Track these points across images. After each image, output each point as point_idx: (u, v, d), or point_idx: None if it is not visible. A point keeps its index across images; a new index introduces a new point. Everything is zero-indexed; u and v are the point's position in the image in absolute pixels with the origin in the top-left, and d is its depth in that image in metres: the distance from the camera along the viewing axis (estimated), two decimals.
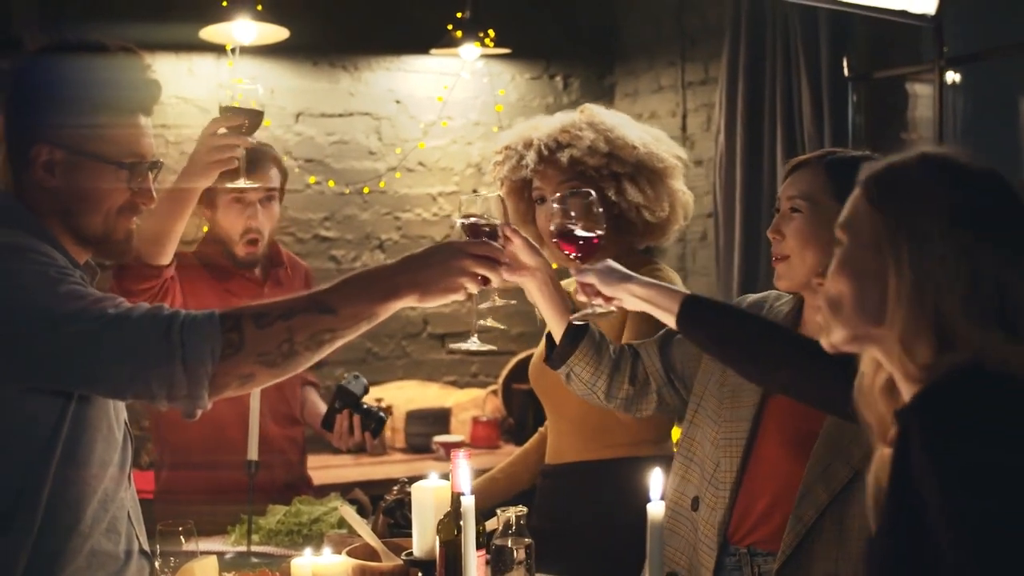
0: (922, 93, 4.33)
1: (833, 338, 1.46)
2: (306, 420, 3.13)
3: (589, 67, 5.45)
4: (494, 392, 4.97)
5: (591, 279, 2.07)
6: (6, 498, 1.67)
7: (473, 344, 2.11)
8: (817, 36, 4.05)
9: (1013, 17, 4.01)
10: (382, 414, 2.93)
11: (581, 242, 2.06)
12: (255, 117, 2.44)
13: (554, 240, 2.09)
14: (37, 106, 1.76)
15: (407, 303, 1.79)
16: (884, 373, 1.46)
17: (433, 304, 1.82)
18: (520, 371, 4.77)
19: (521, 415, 4.83)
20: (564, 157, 2.58)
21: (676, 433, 3.13)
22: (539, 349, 2.79)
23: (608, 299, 2.08)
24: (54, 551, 1.70)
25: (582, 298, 2.14)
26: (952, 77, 4.04)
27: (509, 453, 4.47)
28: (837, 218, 2.07)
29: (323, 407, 3.05)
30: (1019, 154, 4.55)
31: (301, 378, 3.08)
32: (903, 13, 3.73)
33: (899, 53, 4.35)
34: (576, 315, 2.17)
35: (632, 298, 2.06)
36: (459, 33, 4.81)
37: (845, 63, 4.09)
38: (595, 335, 2.27)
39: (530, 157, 2.61)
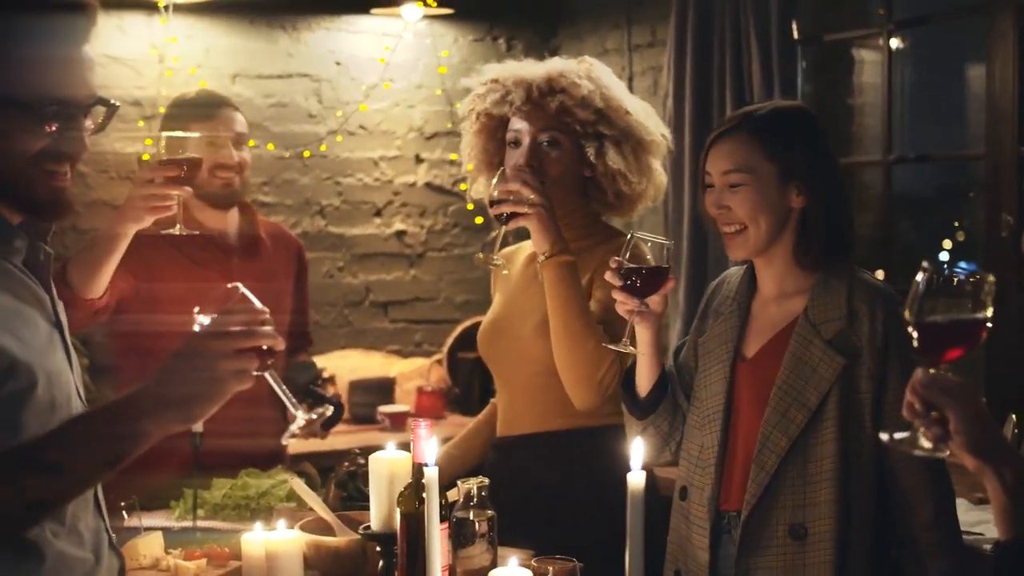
0: (869, 59, 4.32)
1: None
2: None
3: (533, 29, 5.34)
4: (439, 361, 4.90)
5: (962, 425, 1.40)
6: None
7: None
8: None
9: None
10: (335, 403, 2.76)
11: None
12: (193, 167, 2.40)
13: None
14: None
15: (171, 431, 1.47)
16: None
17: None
18: (464, 340, 4.70)
19: (466, 384, 4.77)
20: (554, 103, 2.47)
21: None
22: (487, 317, 2.70)
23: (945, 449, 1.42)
24: None
25: (623, 305, 2.11)
26: (897, 44, 4.03)
27: (455, 423, 4.43)
28: (777, 178, 2.07)
29: None
30: (963, 120, 4.58)
31: None
32: None
33: (848, 17, 4.34)
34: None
35: (995, 478, 1.44)
36: None
37: (795, 26, 4.04)
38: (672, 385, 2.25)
39: (517, 95, 2.49)
